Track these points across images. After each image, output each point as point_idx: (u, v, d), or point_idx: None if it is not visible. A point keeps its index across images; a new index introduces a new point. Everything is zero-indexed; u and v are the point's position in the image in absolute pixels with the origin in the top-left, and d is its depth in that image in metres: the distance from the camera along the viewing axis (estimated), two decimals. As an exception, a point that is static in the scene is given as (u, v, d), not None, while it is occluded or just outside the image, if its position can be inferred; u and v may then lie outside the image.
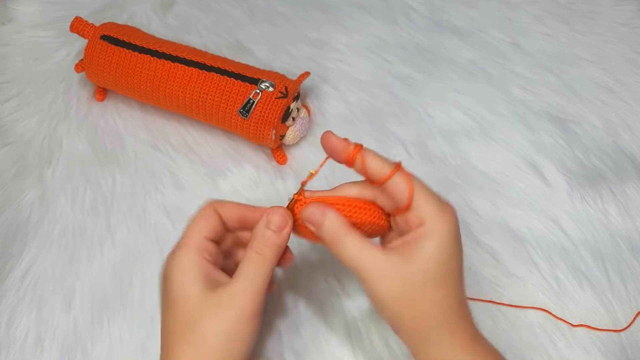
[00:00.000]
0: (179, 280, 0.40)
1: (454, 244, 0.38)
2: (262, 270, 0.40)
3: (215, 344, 0.38)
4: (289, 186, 0.59)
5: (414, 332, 0.38)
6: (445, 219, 0.38)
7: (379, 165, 0.39)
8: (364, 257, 0.38)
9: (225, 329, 0.38)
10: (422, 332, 0.38)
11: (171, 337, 0.39)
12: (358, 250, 0.38)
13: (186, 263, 0.40)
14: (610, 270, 0.53)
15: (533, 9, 0.74)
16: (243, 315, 0.39)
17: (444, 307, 0.38)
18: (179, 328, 0.39)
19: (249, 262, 0.40)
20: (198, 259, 0.40)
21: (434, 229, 0.37)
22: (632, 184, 0.58)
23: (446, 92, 0.66)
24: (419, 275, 0.37)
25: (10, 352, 0.49)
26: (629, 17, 0.73)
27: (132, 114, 0.65)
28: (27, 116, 0.64)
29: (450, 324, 0.38)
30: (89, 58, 0.61)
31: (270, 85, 0.56)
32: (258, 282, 0.40)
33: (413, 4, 0.75)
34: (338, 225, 0.39)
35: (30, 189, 0.58)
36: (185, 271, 0.40)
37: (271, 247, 0.41)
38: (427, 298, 0.37)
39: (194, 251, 0.40)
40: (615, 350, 0.49)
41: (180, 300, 0.39)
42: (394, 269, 0.37)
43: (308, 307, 0.51)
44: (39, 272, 0.53)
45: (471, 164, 0.60)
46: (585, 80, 0.67)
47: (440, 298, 0.38)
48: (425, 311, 0.37)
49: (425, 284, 0.37)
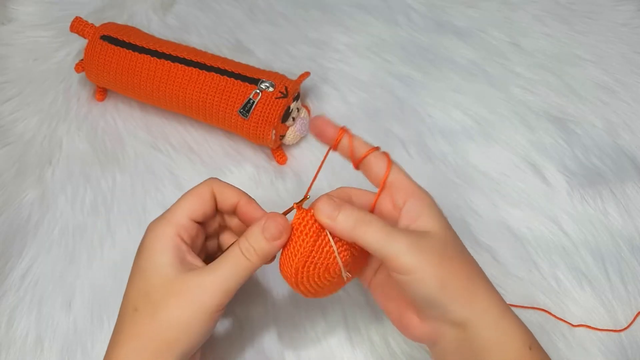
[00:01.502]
0: (151, 252, 0.39)
1: (441, 211, 0.40)
2: (241, 272, 0.39)
3: (165, 330, 0.37)
4: (289, 186, 0.59)
5: (465, 302, 0.37)
6: (424, 190, 0.40)
7: (363, 146, 0.40)
8: (391, 235, 0.37)
9: (181, 320, 0.37)
10: (471, 298, 0.37)
11: (129, 305, 0.39)
12: (384, 229, 0.37)
13: (162, 238, 0.39)
14: (610, 270, 0.53)
15: (533, 9, 0.74)
16: (204, 311, 0.37)
17: (473, 269, 0.38)
18: (137, 300, 0.38)
19: (229, 259, 0.39)
20: (175, 239, 0.40)
21: (423, 198, 0.39)
22: (632, 184, 0.58)
23: (446, 92, 0.66)
24: (441, 244, 0.37)
25: (10, 352, 0.49)
26: (629, 17, 0.73)
27: (132, 114, 0.65)
28: (27, 116, 0.64)
29: (488, 286, 0.38)
30: (89, 58, 0.61)
31: (270, 85, 0.56)
32: (231, 282, 0.38)
33: (413, 4, 0.75)
34: (358, 210, 0.38)
35: (30, 189, 0.58)
36: (158, 245, 0.39)
37: (259, 254, 0.39)
38: (459, 264, 0.37)
39: (172, 229, 0.40)
40: (615, 350, 0.49)
41: (147, 271, 0.39)
42: (419, 243, 0.37)
43: (308, 306, 0.51)
44: (39, 272, 0.53)
45: (471, 164, 0.60)
46: (585, 80, 0.67)
47: (466, 260, 0.38)
48: (464, 277, 0.37)
49: (450, 251, 0.37)
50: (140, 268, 0.39)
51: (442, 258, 0.37)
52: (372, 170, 0.40)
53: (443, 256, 0.37)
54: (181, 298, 0.37)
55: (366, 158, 0.40)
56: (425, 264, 0.36)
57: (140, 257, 0.40)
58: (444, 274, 0.36)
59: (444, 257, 0.37)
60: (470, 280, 0.37)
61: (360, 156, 0.40)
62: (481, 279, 0.38)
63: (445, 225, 0.39)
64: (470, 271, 0.38)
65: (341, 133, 0.40)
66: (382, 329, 0.49)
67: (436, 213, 0.39)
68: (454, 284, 0.37)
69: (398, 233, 0.37)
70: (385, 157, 0.40)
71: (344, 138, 0.40)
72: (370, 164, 0.40)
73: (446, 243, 0.38)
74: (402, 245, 0.36)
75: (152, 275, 0.39)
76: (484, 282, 0.39)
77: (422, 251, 0.36)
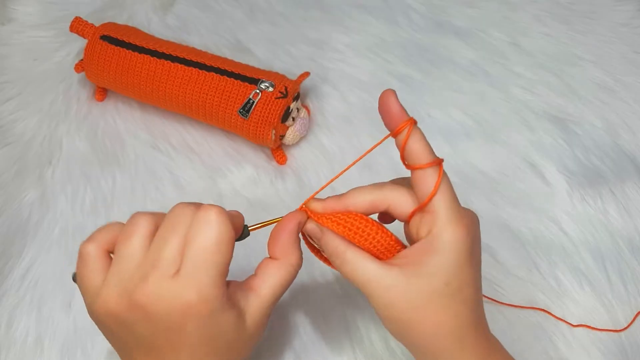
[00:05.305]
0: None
1: (467, 256, 0.35)
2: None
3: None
4: (289, 186, 0.59)
5: (424, 350, 0.36)
6: (458, 228, 0.35)
7: (423, 149, 0.36)
8: (367, 273, 0.35)
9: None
10: (432, 350, 0.36)
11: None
12: (359, 267, 0.36)
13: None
14: (610, 270, 0.53)
15: (533, 9, 0.74)
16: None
17: (455, 325, 0.35)
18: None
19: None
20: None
21: (446, 240, 0.34)
22: (632, 184, 0.58)
23: (446, 92, 0.66)
24: (423, 294, 0.35)
25: (10, 352, 0.49)
26: (629, 17, 0.73)
27: (132, 114, 0.64)
28: (27, 116, 0.64)
29: (462, 342, 0.35)
30: (89, 58, 0.61)
31: (270, 85, 0.56)
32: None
33: (413, 4, 0.75)
34: (336, 244, 0.37)
35: (30, 189, 0.58)
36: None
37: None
38: (433, 317, 0.35)
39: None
40: (615, 350, 0.49)
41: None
42: (396, 287, 0.35)
43: (308, 307, 0.51)
44: (39, 272, 0.53)
45: (471, 164, 0.60)
46: (585, 80, 0.67)
47: (450, 316, 0.35)
48: (433, 330, 0.35)
49: (431, 302, 0.35)
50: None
51: (411, 309, 0.35)
52: (417, 184, 0.36)
53: (413, 307, 0.35)
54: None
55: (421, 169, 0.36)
56: (389, 309, 0.35)
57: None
58: (405, 323, 0.35)
59: (413, 308, 0.35)
60: (441, 341, 0.35)
61: (413, 163, 0.36)
62: (461, 340, 0.36)
63: (442, 282, 0.35)
64: (448, 332, 0.35)
65: (404, 125, 0.36)
66: (382, 329, 0.49)
67: (441, 265, 0.35)
68: (412, 337, 0.36)
69: (374, 276, 0.35)
70: (436, 175, 0.36)
71: (403, 132, 0.36)
72: (419, 177, 0.36)
73: (429, 296, 0.35)
74: (373, 289, 0.35)
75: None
76: (464, 342, 0.36)
77: (392, 297, 0.35)
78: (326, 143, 0.62)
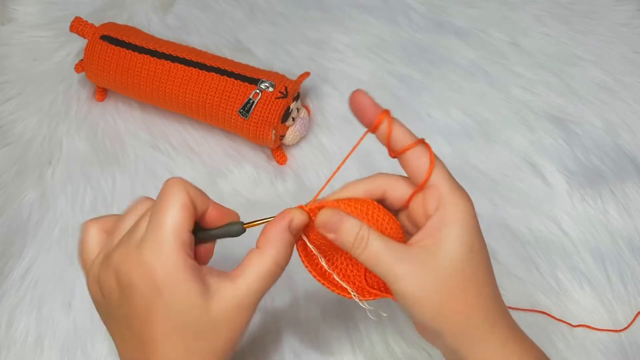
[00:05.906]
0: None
1: (478, 228, 0.35)
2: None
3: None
4: (289, 186, 0.59)
5: (457, 333, 0.35)
6: (463, 194, 0.35)
7: (404, 134, 0.36)
8: (392, 254, 0.34)
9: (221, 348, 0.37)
10: (466, 331, 0.35)
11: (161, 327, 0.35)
12: (384, 249, 0.35)
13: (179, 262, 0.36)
14: (610, 270, 0.53)
15: (533, 9, 0.74)
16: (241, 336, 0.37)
17: (485, 300, 0.35)
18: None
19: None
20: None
21: (455, 209, 0.34)
22: (632, 184, 0.58)
23: (446, 92, 0.66)
24: (451, 269, 0.34)
25: (10, 352, 0.49)
26: (629, 17, 0.73)
27: (132, 114, 0.65)
28: (27, 116, 0.64)
29: (494, 318, 0.35)
30: (89, 58, 0.61)
31: (270, 85, 0.56)
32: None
33: (413, 4, 0.75)
34: (359, 226, 0.35)
35: (30, 189, 0.58)
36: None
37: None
38: (465, 293, 0.34)
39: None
40: (615, 350, 0.49)
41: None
42: (424, 265, 0.34)
43: (308, 306, 0.51)
44: (39, 272, 0.53)
45: (471, 164, 0.60)
46: (585, 80, 0.67)
47: (479, 290, 0.35)
48: (465, 307, 0.34)
49: (459, 277, 0.34)
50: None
51: (444, 285, 0.34)
52: (410, 166, 0.36)
53: (445, 283, 0.34)
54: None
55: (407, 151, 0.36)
56: (422, 291, 0.34)
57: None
58: (441, 303, 0.34)
59: (445, 284, 0.34)
60: (475, 319, 0.35)
61: (399, 148, 0.36)
62: (494, 316, 0.35)
63: (466, 248, 0.34)
64: (477, 303, 0.35)
65: (381, 117, 0.36)
66: (382, 329, 0.49)
67: (460, 232, 0.34)
68: (450, 315, 0.34)
69: (400, 257, 0.34)
70: (427, 152, 0.36)
71: (383, 123, 0.36)
72: (410, 159, 0.36)
73: (456, 268, 0.34)
74: (400, 271, 0.34)
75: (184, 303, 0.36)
76: (491, 313, 0.35)
77: (422, 277, 0.34)
78: (326, 143, 0.62)
